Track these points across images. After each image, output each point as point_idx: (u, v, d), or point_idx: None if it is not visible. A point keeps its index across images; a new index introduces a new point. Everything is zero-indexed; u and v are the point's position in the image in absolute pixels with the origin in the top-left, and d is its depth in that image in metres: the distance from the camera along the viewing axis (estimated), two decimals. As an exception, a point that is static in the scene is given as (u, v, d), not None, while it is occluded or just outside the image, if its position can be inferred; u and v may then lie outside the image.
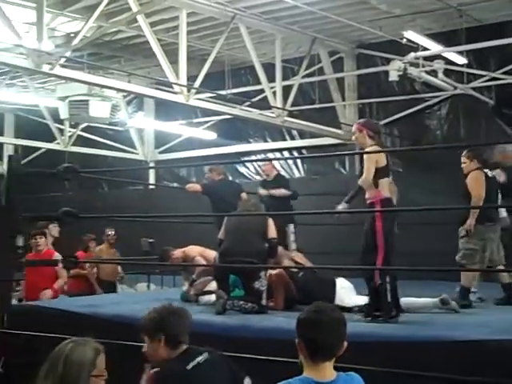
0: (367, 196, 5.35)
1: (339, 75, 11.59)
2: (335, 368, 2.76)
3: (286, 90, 10.77)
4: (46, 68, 7.49)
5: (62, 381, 2.59)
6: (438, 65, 9.12)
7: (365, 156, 5.36)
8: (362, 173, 5.35)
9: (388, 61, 9.95)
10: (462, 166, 6.72)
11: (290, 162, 12.46)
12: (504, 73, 10.10)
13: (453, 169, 7.00)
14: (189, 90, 9.14)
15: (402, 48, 9.72)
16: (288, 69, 11.80)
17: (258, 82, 10.66)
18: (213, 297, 6.06)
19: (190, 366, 3.24)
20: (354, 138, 5.58)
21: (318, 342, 2.76)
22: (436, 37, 9.94)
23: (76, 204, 11.39)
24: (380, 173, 5.29)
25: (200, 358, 3.31)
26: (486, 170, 6.67)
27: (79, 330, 3.04)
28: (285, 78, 11.22)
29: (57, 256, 7.66)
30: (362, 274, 5.39)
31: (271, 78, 10.59)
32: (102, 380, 2.69)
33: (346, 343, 2.80)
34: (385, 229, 5.17)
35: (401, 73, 9.14)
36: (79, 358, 2.62)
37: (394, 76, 9.26)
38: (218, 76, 11.38)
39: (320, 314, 2.82)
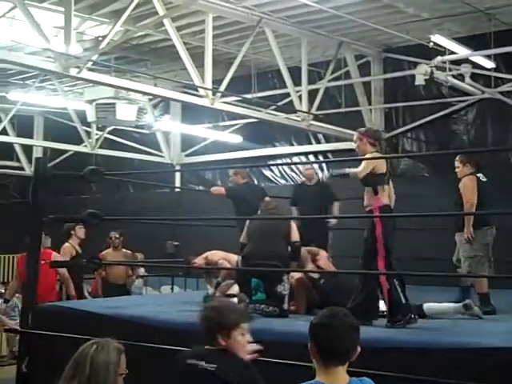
0: (366, 203, 5.41)
1: (365, 79, 11.55)
2: (349, 373, 2.76)
3: (312, 94, 10.78)
4: (73, 72, 7.58)
5: (89, 382, 2.64)
6: (465, 69, 9.05)
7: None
8: None
9: (415, 65, 9.90)
10: (456, 170, 6.72)
11: (316, 165, 12.43)
12: (532, 77, 9.99)
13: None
14: (214, 94, 9.18)
15: (429, 52, 9.66)
16: (314, 73, 11.80)
17: (284, 86, 10.68)
18: (234, 300, 6.08)
19: None
20: (355, 146, 5.67)
21: (330, 347, 2.77)
22: (464, 40, 9.84)
23: (102, 206, 11.65)
24: (378, 179, 5.34)
25: None
26: (478, 175, 6.65)
27: (101, 330, 3.08)
28: (311, 82, 11.23)
29: (55, 256, 7.78)
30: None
31: (297, 82, 10.60)
32: (122, 377, 2.79)
33: (359, 348, 2.80)
34: (384, 235, 5.21)
35: (427, 77, 9.10)
36: (105, 359, 2.70)
37: (420, 80, 9.22)
38: (245, 80, 11.41)
39: (333, 319, 2.83)
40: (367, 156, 5.43)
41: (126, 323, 5.18)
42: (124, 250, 9.33)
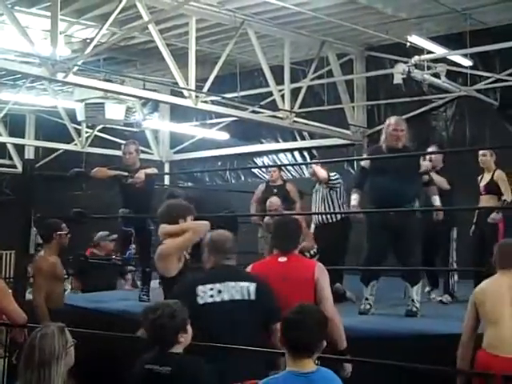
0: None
1: (348, 77, 11.83)
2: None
3: (297, 92, 11.06)
4: (60, 76, 7.84)
5: (39, 368, 2.93)
6: (441, 68, 9.32)
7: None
8: None
9: (396, 63, 10.15)
10: (482, 160, 7.02)
11: (301, 161, 12.75)
12: (509, 74, 10.25)
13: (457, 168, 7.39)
14: (197, 95, 9.45)
15: (410, 50, 9.91)
16: (299, 71, 12.07)
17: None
18: None
19: None
20: (483, 159, 6.88)
21: (297, 341, 3.04)
22: (442, 39, 10.12)
23: (93, 203, 11.93)
24: None
25: None
26: None
27: (85, 323, 3.37)
28: (296, 80, 11.51)
29: None
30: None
31: (282, 80, 10.83)
32: (71, 348, 3.06)
33: (325, 343, 3.08)
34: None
35: (404, 76, 9.36)
36: (50, 342, 2.97)
37: (398, 79, 9.47)
38: (230, 78, 11.68)
39: (300, 315, 3.10)
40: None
41: (110, 317, 5.45)
42: None
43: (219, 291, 3.84)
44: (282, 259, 4.22)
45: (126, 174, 7.18)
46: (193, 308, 3.64)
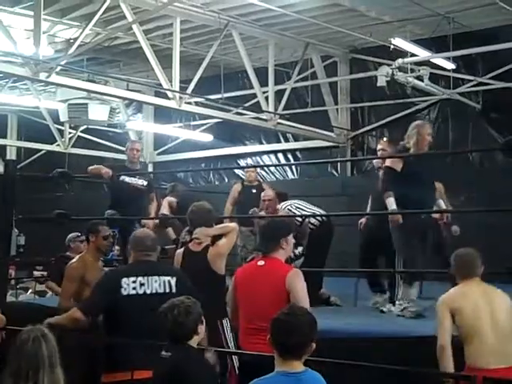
0: None
1: (332, 79, 11.86)
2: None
3: (281, 94, 11.09)
4: (42, 76, 7.79)
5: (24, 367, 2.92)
6: (424, 71, 9.38)
7: None
8: None
9: (380, 65, 10.18)
10: None
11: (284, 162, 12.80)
12: (491, 78, 10.35)
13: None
14: (181, 96, 9.44)
15: (393, 53, 9.96)
16: (283, 73, 12.09)
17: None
18: None
19: None
20: None
21: (285, 343, 3.02)
22: (426, 42, 10.19)
23: (77, 204, 11.85)
24: None
25: None
26: None
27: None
28: (280, 82, 11.54)
29: None
30: None
31: (267, 82, 10.87)
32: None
33: (314, 345, 3.05)
34: None
35: (388, 78, 9.41)
36: (35, 346, 2.95)
37: (382, 81, 9.53)
38: (215, 80, 11.66)
39: (289, 316, 3.08)
40: None
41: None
42: None
43: (142, 284, 4.03)
44: (261, 263, 4.17)
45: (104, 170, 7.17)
46: (116, 299, 3.95)
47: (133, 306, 3.97)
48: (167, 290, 4.06)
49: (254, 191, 8.09)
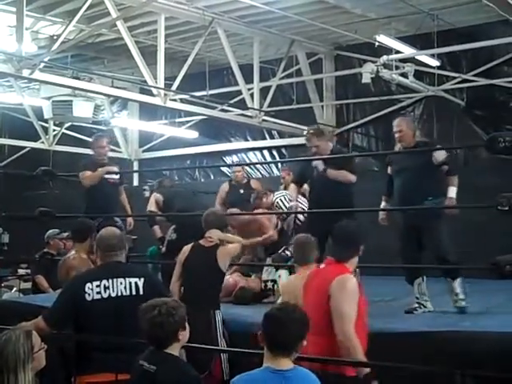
0: None
1: (317, 76, 11.87)
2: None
3: (266, 91, 11.08)
4: (26, 73, 7.73)
5: (3, 375, 2.87)
6: (409, 68, 9.42)
7: None
8: None
9: (365, 62, 10.22)
10: None
11: (269, 159, 12.80)
12: (475, 75, 10.41)
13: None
14: (166, 93, 9.41)
15: (379, 50, 9.98)
16: (268, 70, 12.08)
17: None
18: None
19: None
20: None
21: (275, 338, 3.05)
22: (411, 39, 10.22)
23: (61, 202, 11.77)
24: None
25: None
26: None
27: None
28: (266, 79, 11.54)
29: None
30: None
31: (252, 79, 10.85)
32: (43, 351, 3.03)
33: (304, 342, 3.07)
34: None
35: (373, 75, 9.44)
36: (13, 348, 2.90)
37: (366, 78, 9.56)
38: (200, 77, 11.63)
39: (281, 312, 3.11)
40: None
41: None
42: None
43: (106, 288, 3.97)
44: (322, 266, 4.03)
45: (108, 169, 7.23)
46: (81, 305, 3.93)
47: (98, 311, 3.93)
48: (134, 293, 3.98)
49: (242, 191, 8.06)
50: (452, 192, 5.83)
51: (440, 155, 5.88)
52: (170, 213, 7.39)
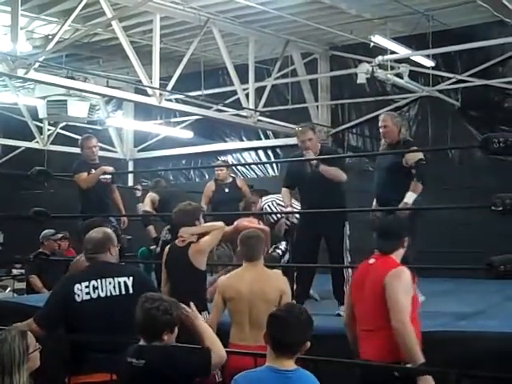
0: None
1: (312, 76, 11.88)
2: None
3: (262, 91, 11.09)
4: (20, 72, 7.72)
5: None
6: (404, 68, 9.44)
7: None
8: None
9: (361, 62, 10.23)
10: None
11: (265, 160, 12.79)
12: (470, 75, 10.43)
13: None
14: (161, 93, 9.41)
15: (374, 50, 9.99)
16: (263, 70, 12.07)
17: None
18: None
19: None
20: None
21: (279, 339, 3.05)
22: (406, 40, 10.24)
23: (56, 202, 11.75)
24: None
25: None
26: None
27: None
28: (261, 79, 11.54)
29: None
30: None
31: (247, 79, 10.85)
32: (37, 352, 3.05)
33: (308, 344, 3.07)
34: None
35: (368, 76, 9.45)
36: (8, 348, 2.91)
37: (362, 78, 9.57)
38: (195, 76, 11.65)
39: (288, 313, 3.11)
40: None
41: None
42: None
43: (95, 288, 3.97)
44: (372, 261, 3.95)
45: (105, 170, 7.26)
46: (71, 306, 3.93)
47: (88, 312, 3.93)
48: (123, 292, 3.98)
49: (227, 190, 8.00)
50: (409, 197, 5.75)
51: (410, 158, 5.84)
52: (164, 213, 7.35)
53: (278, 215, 6.95)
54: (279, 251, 6.49)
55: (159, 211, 7.51)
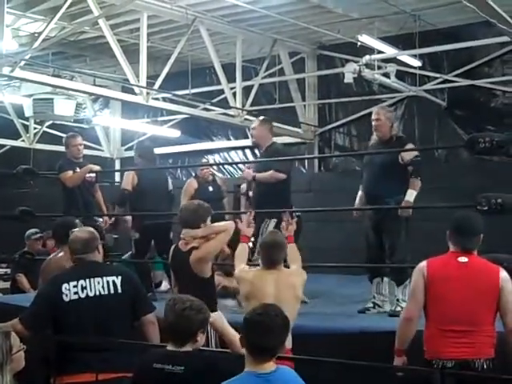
0: None
1: (299, 76, 11.89)
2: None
3: (249, 90, 11.08)
4: (6, 70, 7.67)
5: None
6: (391, 68, 9.47)
7: None
8: None
9: (347, 62, 10.25)
10: None
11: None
12: (456, 75, 10.47)
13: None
14: (148, 92, 9.39)
15: (361, 50, 10.00)
16: (251, 69, 12.06)
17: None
18: None
19: None
20: None
21: (257, 343, 2.96)
22: (393, 39, 10.27)
23: (42, 201, 11.68)
24: None
25: None
26: None
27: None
28: (248, 78, 11.53)
29: None
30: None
31: (235, 78, 10.84)
32: (22, 352, 3.00)
33: (286, 343, 3.07)
34: None
35: (355, 75, 9.47)
36: None
37: (349, 78, 9.59)
38: (182, 75, 11.59)
39: (263, 316, 2.99)
40: None
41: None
42: None
43: (83, 288, 3.95)
44: (463, 259, 3.84)
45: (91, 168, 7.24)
46: (59, 306, 3.92)
47: (76, 312, 3.92)
48: (112, 291, 3.97)
49: (211, 189, 8.01)
50: (410, 195, 5.75)
51: (407, 155, 5.83)
52: (143, 212, 7.25)
53: None
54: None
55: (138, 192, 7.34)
